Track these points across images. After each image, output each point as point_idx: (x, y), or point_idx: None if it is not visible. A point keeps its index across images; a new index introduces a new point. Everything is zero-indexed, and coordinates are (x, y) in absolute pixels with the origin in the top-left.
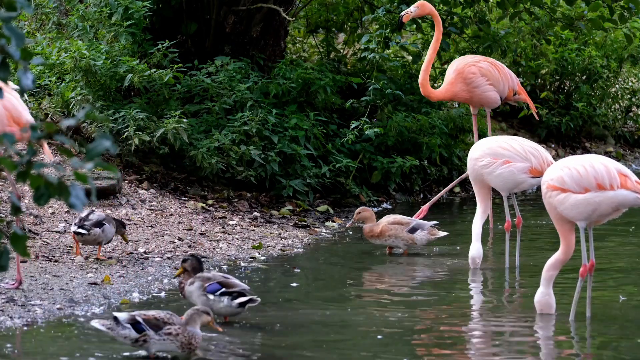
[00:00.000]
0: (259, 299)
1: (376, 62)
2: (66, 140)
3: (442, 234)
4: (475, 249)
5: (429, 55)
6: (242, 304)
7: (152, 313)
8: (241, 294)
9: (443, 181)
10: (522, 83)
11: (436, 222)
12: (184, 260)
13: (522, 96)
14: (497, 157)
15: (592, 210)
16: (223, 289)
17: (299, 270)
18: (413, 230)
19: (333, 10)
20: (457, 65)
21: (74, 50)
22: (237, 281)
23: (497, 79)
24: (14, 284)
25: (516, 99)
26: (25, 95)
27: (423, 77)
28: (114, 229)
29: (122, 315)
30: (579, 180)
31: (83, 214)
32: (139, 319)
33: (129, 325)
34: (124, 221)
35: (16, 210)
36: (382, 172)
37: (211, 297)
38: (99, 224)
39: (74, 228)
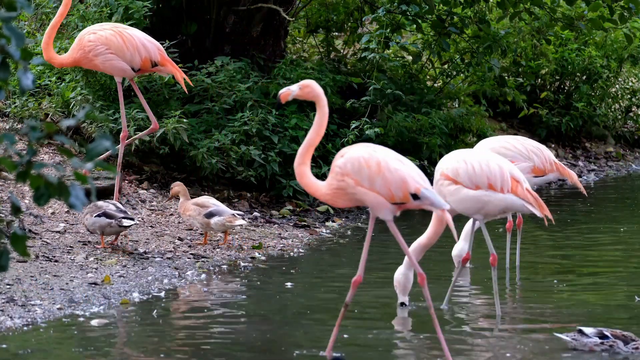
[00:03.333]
0: None
1: (376, 62)
2: (66, 140)
3: (241, 222)
4: (459, 248)
5: (55, 20)
6: None
7: (619, 330)
8: None
9: None
10: (522, 83)
11: (240, 213)
12: None
13: (168, 67)
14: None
15: (478, 208)
16: None
17: (298, 271)
18: (211, 215)
19: (333, 10)
20: (81, 33)
21: None
22: None
23: (121, 47)
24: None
25: (159, 70)
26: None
27: (46, 42)
28: None
29: (589, 329)
30: (472, 176)
31: (112, 208)
32: (607, 333)
33: (595, 338)
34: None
35: (16, 210)
36: None
37: None
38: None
39: (126, 222)
